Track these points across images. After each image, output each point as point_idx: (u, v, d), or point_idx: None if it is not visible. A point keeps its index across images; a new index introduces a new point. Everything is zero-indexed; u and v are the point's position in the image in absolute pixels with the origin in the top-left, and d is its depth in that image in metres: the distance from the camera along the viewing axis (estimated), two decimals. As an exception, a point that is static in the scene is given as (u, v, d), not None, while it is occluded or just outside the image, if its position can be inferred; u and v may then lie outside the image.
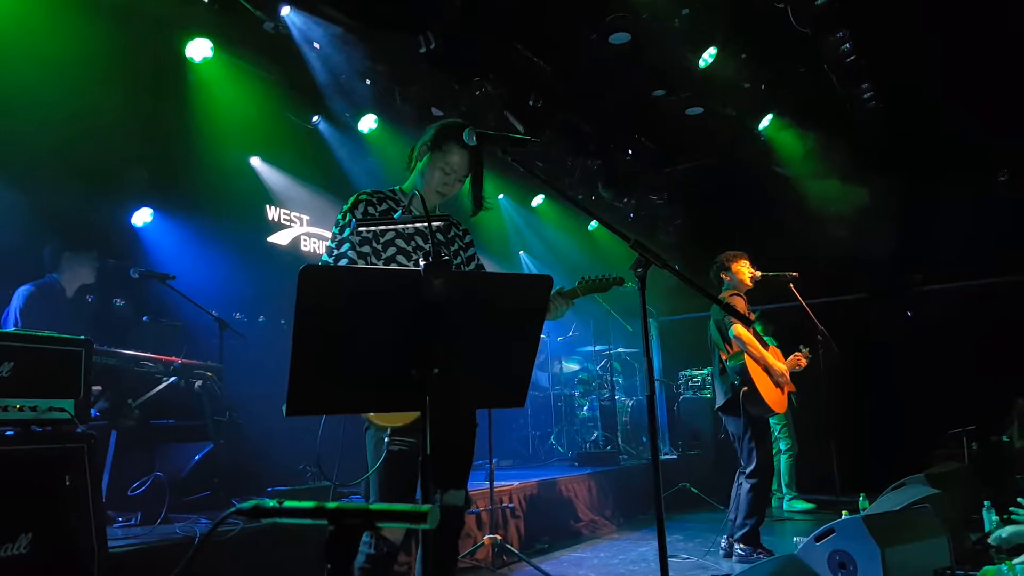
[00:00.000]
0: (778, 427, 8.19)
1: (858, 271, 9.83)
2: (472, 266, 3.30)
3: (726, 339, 5.66)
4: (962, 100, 8.19)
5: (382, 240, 3.06)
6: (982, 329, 8.91)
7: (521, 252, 11.55)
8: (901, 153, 9.22)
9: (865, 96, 8.78)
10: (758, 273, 5.83)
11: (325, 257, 3.03)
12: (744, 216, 9.90)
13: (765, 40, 7.92)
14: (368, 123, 7.89)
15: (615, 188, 10.92)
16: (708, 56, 8.10)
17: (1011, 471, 7.38)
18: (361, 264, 2.95)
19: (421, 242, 3.13)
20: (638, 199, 11.50)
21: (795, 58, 8.24)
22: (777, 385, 5.65)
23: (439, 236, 3.23)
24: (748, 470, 5.55)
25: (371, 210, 3.07)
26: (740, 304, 5.62)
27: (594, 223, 11.52)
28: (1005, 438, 7.85)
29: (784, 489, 8.24)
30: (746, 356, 5.52)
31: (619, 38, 7.61)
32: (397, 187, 3.28)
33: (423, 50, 7.19)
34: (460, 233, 3.33)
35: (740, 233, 9.41)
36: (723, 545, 5.74)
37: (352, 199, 3.10)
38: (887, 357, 8.72)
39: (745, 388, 5.48)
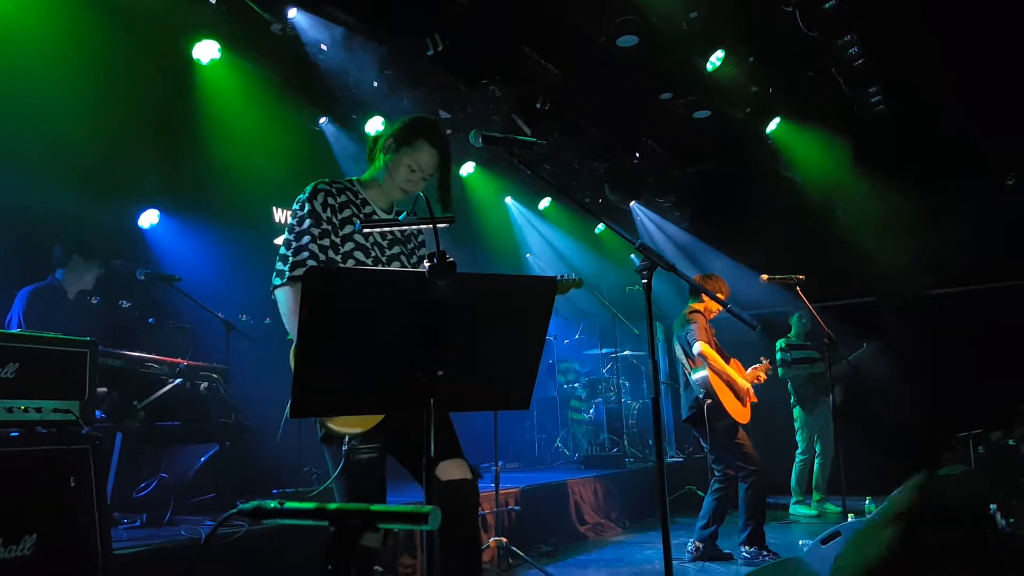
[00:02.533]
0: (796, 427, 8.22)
1: (866, 274, 9.79)
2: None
3: (688, 354, 5.70)
4: (970, 104, 8.16)
5: (340, 234, 2.95)
6: (990, 333, 8.87)
7: (528, 255, 11.55)
8: (908, 156, 9.18)
9: (873, 100, 8.77)
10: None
11: (283, 250, 2.89)
12: (751, 219, 9.86)
13: (773, 43, 7.90)
14: (375, 125, 7.89)
15: (622, 191, 10.92)
16: (716, 59, 8.09)
17: (1018, 475, 7.33)
18: (322, 258, 2.87)
19: (379, 238, 3.05)
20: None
21: (803, 61, 8.21)
22: (738, 398, 5.70)
23: (398, 233, 3.14)
24: (740, 474, 5.57)
25: (330, 200, 2.95)
26: (701, 321, 5.68)
27: (601, 226, 11.51)
28: (1012, 442, 7.81)
29: (793, 491, 8.20)
30: (709, 370, 5.57)
31: (627, 41, 7.58)
32: (355, 178, 3.16)
33: (431, 52, 7.20)
34: (416, 234, 3.28)
35: (746, 236, 9.42)
36: (689, 549, 5.72)
37: (310, 189, 2.97)
38: (894, 360, 8.67)
39: (709, 401, 5.53)
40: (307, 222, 2.90)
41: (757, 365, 6.17)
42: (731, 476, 5.60)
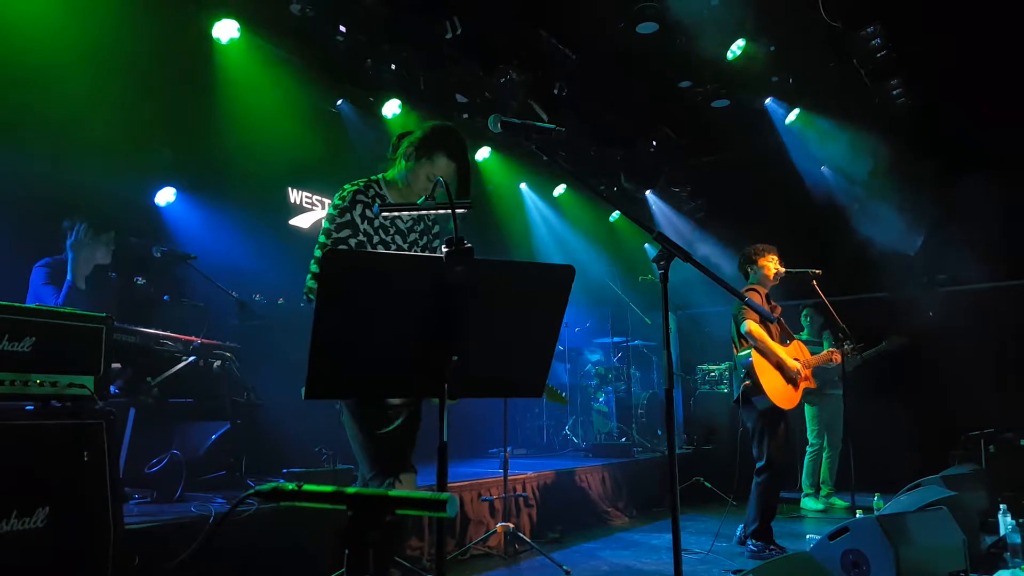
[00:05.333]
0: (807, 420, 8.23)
1: (882, 269, 9.73)
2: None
3: (740, 333, 5.65)
4: (991, 99, 8.07)
5: (374, 241, 3.10)
6: (1004, 331, 8.82)
7: (542, 241, 11.52)
8: (928, 151, 9.10)
9: (894, 92, 8.68)
10: (783, 269, 5.80)
11: (318, 252, 3.05)
12: (768, 211, 9.82)
13: (794, 33, 7.83)
14: (392, 108, 7.86)
15: (638, 179, 10.87)
16: (736, 48, 8.03)
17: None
18: None
19: (398, 232, 3.21)
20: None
21: (824, 52, 8.14)
22: (790, 381, 5.63)
23: (417, 227, 3.32)
24: (757, 465, 5.55)
25: (368, 212, 3.09)
26: (756, 299, 5.61)
27: (616, 213, 11.47)
28: (1023, 441, 7.77)
29: (802, 484, 8.20)
30: (753, 351, 5.51)
31: (647, 27, 7.54)
32: (379, 176, 3.29)
33: (449, 36, 7.17)
34: (430, 225, 3.44)
35: (763, 228, 9.36)
36: (738, 534, 5.75)
37: (349, 196, 3.11)
38: (907, 357, 8.64)
39: (747, 382, 5.48)
40: (345, 231, 3.04)
41: (832, 348, 6.24)
42: (766, 462, 5.53)
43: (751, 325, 5.51)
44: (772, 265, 5.79)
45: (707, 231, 11.62)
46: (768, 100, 9.27)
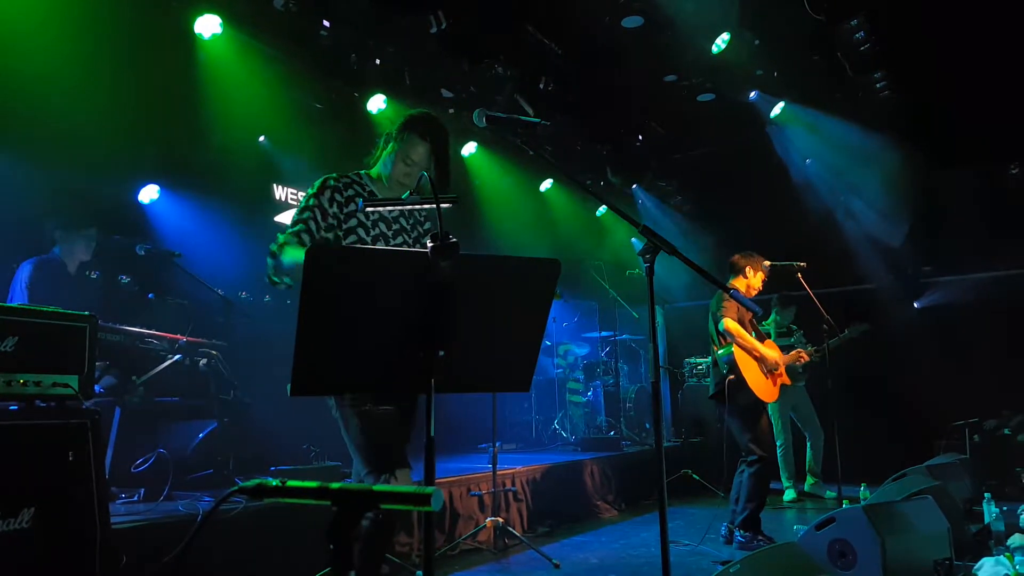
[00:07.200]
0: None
1: (866, 261, 9.79)
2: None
3: (718, 331, 5.69)
4: (975, 92, 8.11)
5: (344, 227, 3.06)
6: (988, 321, 8.88)
7: (528, 236, 11.50)
8: (912, 143, 9.15)
9: (878, 85, 8.71)
10: (761, 287, 5.84)
11: (280, 237, 2.99)
12: (754, 204, 9.85)
13: (779, 26, 7.84)
14: (377, 103, 7.82)
15: (624, 174, 10.88)
16: (721, 41, 8.04)
17: (1012, 464, 7.38)
18: (318, 237, 3.00)
19: (384, 229, 3.16)
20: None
21: (808, 45, 8.16)
22: (768, 374, 5.67)
23: (404, 223, 3.27)
24: (749, 458, 5.58)
25: (338, 196, 3.07)
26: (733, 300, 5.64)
27: (603, 208, 11.47)
28: (1007, 431, 7.84)
29: (783, 477, 8.22)
30: (735, 347, 5.55)
31: (632, 22, 7.54)
32: (363, 172, 3.29)
33: (434, 30, 7.13)
34: (420, 219, 3.40)
35: (749, 221, 9.40)
36: (723, 532, 5.76)
37: (319, 183, 3.10)
38: (892, 347, 8.69)
39: (731, 377, 5.51)
40: (307, 214, 3.02)
41: (799, 349, 6.34)
42: (758, 454, 5.56)
43: (728, 323, 5.56)
44: (756, 282, 5.82)
45: (694, 224, 11.64)
46: (753, 94, 9.28)
